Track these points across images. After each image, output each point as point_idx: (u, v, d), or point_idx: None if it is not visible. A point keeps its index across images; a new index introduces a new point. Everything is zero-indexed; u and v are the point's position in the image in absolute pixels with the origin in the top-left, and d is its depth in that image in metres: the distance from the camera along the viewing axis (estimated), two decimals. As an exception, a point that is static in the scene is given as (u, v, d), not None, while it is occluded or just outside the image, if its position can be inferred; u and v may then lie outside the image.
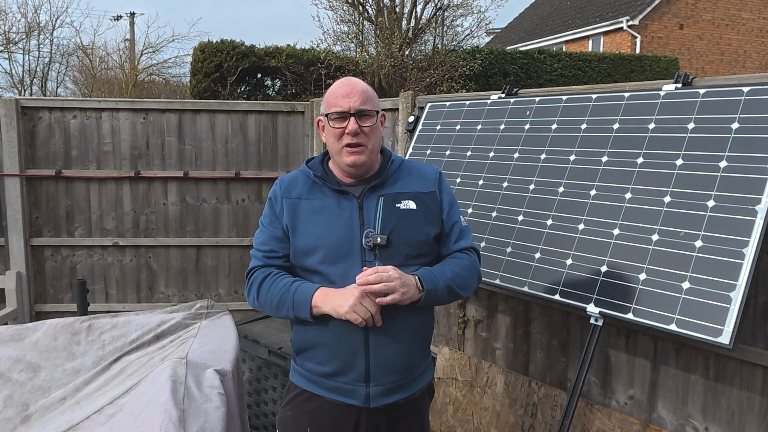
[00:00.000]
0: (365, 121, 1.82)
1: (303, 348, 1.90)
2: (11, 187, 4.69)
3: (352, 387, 1.83)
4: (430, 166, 2.02)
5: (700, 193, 2.13)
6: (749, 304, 2.13)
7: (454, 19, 10.15)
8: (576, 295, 2.32)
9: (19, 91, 17.38)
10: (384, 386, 1.84)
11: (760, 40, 19.47)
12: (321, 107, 1.90)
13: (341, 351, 1.81)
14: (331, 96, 1.85)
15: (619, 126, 2.48)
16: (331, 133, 1.84)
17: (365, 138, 1.82)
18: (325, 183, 1.89)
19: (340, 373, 1.83)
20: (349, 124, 1.80)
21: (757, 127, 2.08)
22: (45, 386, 2.45)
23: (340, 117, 1.81)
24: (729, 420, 2.19)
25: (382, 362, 1.82)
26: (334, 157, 1.89)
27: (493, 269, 2.67)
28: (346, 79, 1.88)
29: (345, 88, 1.83)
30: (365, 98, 1.83)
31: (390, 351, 1.82)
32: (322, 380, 1.86)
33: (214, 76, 9.59)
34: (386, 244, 1.81)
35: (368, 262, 1.80)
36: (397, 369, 1.84)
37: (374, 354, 1.80)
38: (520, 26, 24.66)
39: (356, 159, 1.82)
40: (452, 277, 1.86)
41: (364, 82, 1.88)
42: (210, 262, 5.04)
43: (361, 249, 1.81)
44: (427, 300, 1.80)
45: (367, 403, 1.83)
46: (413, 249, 1.86)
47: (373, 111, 1.84)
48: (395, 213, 1.85)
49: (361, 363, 1.81)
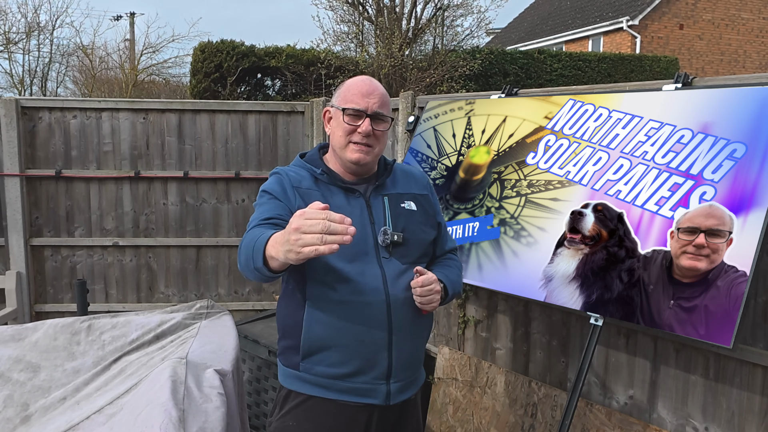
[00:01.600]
0: (379, 124, 1.81)
1: (312, 351, 1.79)
2: (11, 187, 4.69)
3: (372, 386, 1.80)
4: (417, 169, 2.07)
5: (700, 193, 2.13)
6: (749, 304, 2.12)
7: (454, 19, 10.17)
8: (576, 295, 2.32)
9: (19, 91, 17.39)
10: (402, 382, 1.85)
11: (760, 40, 19.47)
12: (334, 98, 1.86)
13: (362, 350, 1.77)
14: (350, 91, 1.81)
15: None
16: (341, 126, 1.81)
17: (375, 141, 1.81)
18: (331, 180, 1.85)
19: (359, 372, 1.78)
20: (364, 124, 1.78)
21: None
22: (45, 386, 2.45)
23: (355, 114, 1.79)
24: (729, 420, 2.19)
25: (403, 357, 1.82)
26: (336, 150, 1.84)
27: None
28: (367, 78, 1.86)
29: (366, 87, 1.81)
30: (383, 102, 1.82)
31: (409, 346, 1.84)
32: (336, 382, 1.79)
33: (214, 76, 9.59)
34: (402, 242, 1.81)
35: (385, 259, 1.80)
36: (413, 364, 1.88)
37: (397, 350, 1.80)
38: (520, 26, 24.66)
39: (361, 157, 1.80)
40: (456, 281, 1.96)
41: (383, 87, 1.88)
42: (210, 262, 5.04)
43: (375, 246, 1.80)
44: (443, 304, 1.91)
45: (387, 401, 1.82)
46: (421, 247, 1.89)
47: (388, 117, 1.84)
48: (402, 212, 1.87)
49: (384, 360, 1.79)
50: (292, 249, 1.35)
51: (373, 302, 1.75)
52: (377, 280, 1.76)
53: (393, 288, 1.78)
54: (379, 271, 1.77)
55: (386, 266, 1.79)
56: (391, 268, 1.79)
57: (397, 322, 1.78)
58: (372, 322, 1.76)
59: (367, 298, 1.75)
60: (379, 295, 1.76)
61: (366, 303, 1.75)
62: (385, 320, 1.76)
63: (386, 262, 1.79)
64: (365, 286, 1.75)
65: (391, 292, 1.77)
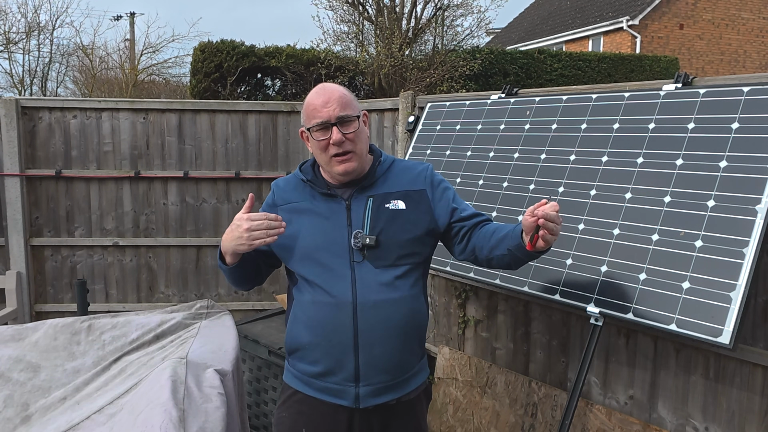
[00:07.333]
0: (347, 127, 1.80)
1: (294, 348, 1.90)
2: (11, 187, 4.69)
3: (342, 387, 1.82)
4: (420, 164, 2.02)
5: (701, 193, 2.13)
6: (749, 304, 2.13)
7: (454, 19, 10.15)
8: (576, 295, 2.32)
9: (19, 91, 17.38)
10: (374, 386, 1.82)
11: (760, 40, 19.47)
12: (301, 119, 1.89)
13: (331, 350, 1.80)
14: (309, 108, 1.83)
15: (619, 126, 2.48)
16: (316, 145, 1.83)
17: (351, 144, 1.81)
18: (314, 186, 1.89)
19: (329, 373, 1.82)
20: (333, 134, 1.78)
21: (757, 127, 2.08)
22: (45, 386, 2.45)
23: (321, 128, 1.80)
24: (729, 420, 2.19)
25: (372, 361, 1.80)
26: (323, 167, 1.89)
27: (493, 269, 2.67)
28: (320, 87, 1.85)
29: (321, 98, 1.81)
30: (343, 104, 1.80)
31: (380, 350, 1.80)
32: (313, 380, 1.86)
33: (214, 76, 9.58)
34: (375, 245, 1.81)
35: (357, 263, 1.81)
36: (388, 368, 1.83)
37: (364, 353, 1.79)
38: (520, 26, 24.66)
39: (347, 167, 1.82)
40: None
41: (339, 86, 1.86)
42: (210, 262, 5.04)
43: (349, 250, 1.82)
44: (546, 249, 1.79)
45: (356, 404, 1.82)
46: (403, 248, 1.85)
47: (354, 116, 1.82)
48: (384, 213, 1.85)
49: (351, 363, 1.80)
50: (245, 243, 1.73)
51: (339, 304, 1.79)
52: (345, 283, 1.79)
53: (362, 291, 1.78)
54: (349, 274, 1.80)
55: (357, 269, 1.80)
56: (363, 271, 1.80)
57: (364, 324, 1.78)
58: (339, 324, 1.78)
59: (335, 300, 1.79)
60: (346, 297, 1.78)
61: (334, 305, 1.79)
62: (350, 323, 1.78)
63: (357, 265, 1.80)
64: (333, 288, 1.79)
65: (359, 295, 1.78)
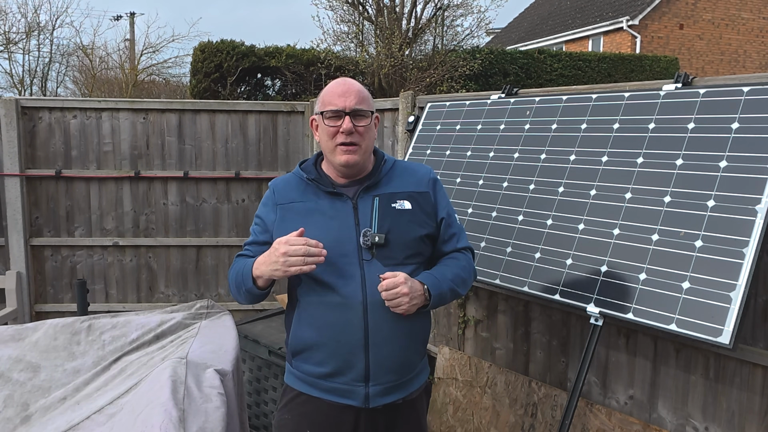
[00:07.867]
0: (360, 120, 1.82)
1: (299, 350, 1.89)
2: (11, 187, 4.69)
3: (351, 387, 1.82)
4: (423, 167, 2.02)
5: (701, 192, 2.13)
6: (749, 304, 2.13)
7: (454, 19, 10.15)
8: (576, 295, 2.32)
9: (19, 91, 17.38)
10: (383, 386, 1.84)
11: (760, 40, 19.47)
12: (316, 106, 1.90)
13: (339, 350, 1.81)
14: (327, 95, 1.85)
15: (619, 126, 2.48)
16: (325, 131, 1.85)
17: (359, 137, 1.82)
18: (318, 185, 1.88)
19: (338, 373, 1.83)
20: (344, 123, 1.80)
21: (757, 126, 2.08)
22: (45, 386, 2.45)
23: (334, 116, 1.81)
24: (729, 420, 2.19)
25: (381, 361, 1.81)
26: (327, 156, 1.89)
27: (493, 269, 2.67)
28: (342, 79, 1.88)
29: (341, 88, 1.83)
30: (361, 98, 1.83)
31: (389, 350, 1.82)
32: (319, 381, 1.86)
33: (214, 76, 9.58)
34: (384, 243, 1.81)
35: (366, 261, 1.80)
36: (395, 368, 1.85)
37: (374, 353, 1.80)
38: (520, 26, 24.66)
39: (349, 158, 1.82)
40: (453, 278, 1.89)
41: (359, 83, 1.88)
42: (210, 262, 5.04)
43: (358, 248, 1.81)
44: (433, 305, 1.84)
45: (366, 404, 1.83)
46: (410, 248, 1.86)
47: (368, 111, 1.84)
48: (391, 212, 1.86)
49: (361, 362, 1.80)
50: (280, 269, 1.69)
51: (349, 304, 1.78)
52: (355, 282, 1.79)
53: (372, 290, 1.78)
54: (358, 273, 1.79)
55: (366, 268, 1.80)
56: (372, 270, 1.80)
57: (374, 324, 1.78)
58: (348, 324, 1.78)
59: (344, 299, 1.78)
60: (356, 296, 1.78)
61: (343, 304, 1.79)
62: (360, 322, 1.78)
63: (367, 264, 1.80)
64: (343, 287, 1.79)
65: (369, 294, 1.78)
